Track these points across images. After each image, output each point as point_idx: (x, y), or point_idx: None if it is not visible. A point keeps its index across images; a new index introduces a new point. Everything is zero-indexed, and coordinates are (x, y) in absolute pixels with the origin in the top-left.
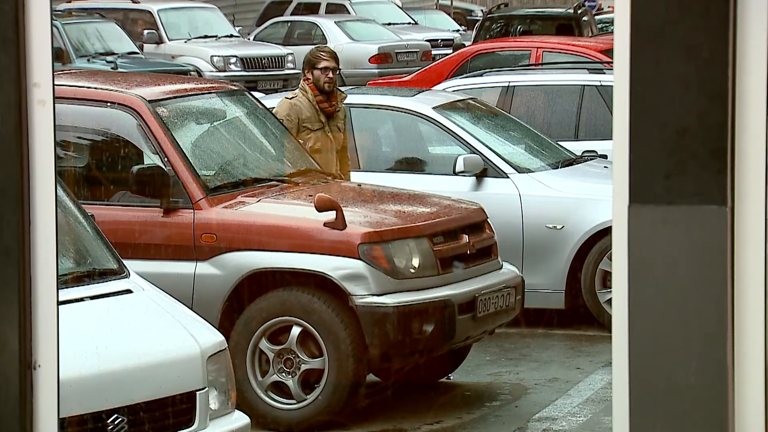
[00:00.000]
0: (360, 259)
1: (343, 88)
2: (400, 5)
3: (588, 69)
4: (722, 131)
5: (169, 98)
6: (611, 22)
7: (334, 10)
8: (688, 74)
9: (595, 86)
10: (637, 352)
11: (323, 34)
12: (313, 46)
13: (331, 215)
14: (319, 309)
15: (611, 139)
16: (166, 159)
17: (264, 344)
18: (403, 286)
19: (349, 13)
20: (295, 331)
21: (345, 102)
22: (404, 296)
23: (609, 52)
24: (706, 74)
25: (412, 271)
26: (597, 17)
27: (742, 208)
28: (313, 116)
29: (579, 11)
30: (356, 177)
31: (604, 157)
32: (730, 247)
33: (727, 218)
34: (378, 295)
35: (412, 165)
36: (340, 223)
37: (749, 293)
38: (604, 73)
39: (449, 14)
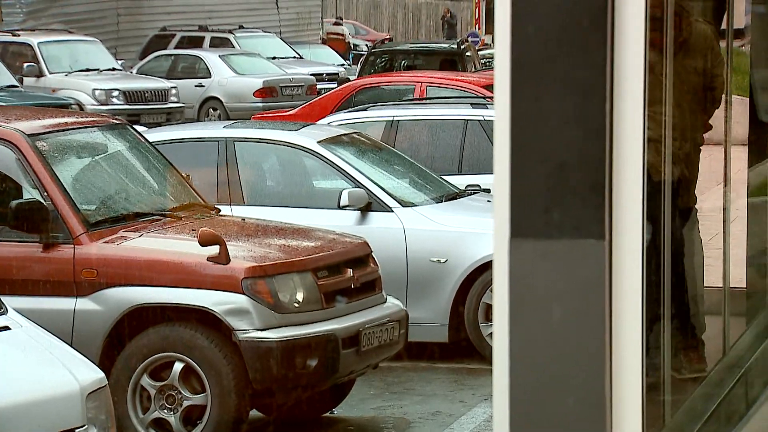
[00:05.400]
0: (244, 293)
1: (226, 122)
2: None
3: (471, 104)
4: (600, 166)
5: (49, 132)
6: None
7: (218, 43)
8: (567, 109)
9: (478, 121)
10: (517, 385)
11: (207, 68)
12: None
13: (214, 250)
14: (202, 344)
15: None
16: (45, 194)
17: (145, 380)
18: (287, 321)
19: (234, 47)
20: (178, 366)
21: (230, 136)
22: (288, 331)
23: (492, 87)
24: (585, 109)
25: (296, 305)
26: (480, 52)
27: (620, 242)
28: None
29: (462, 46)
30: (240, 211)
31: (488, 191)
32: (608, 280)
33: (605, 252)
34: (262, 330)
35: (296, 199)
36: (223, 258)
37: (627, 326)
38: (487, 108)
39: (333, 48)
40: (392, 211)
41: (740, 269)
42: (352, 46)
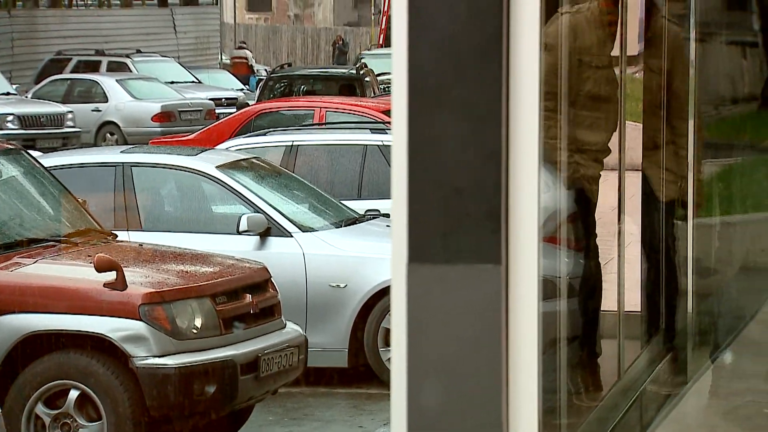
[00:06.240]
0: (141, 320)
1: (124, 147)
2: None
3: (370, 129)
4: (497, 191)
5: None
6: None
7: (115, 68)
8: (463, 135)
9: (378, 146)
10: (415, 410)
11: (104, 93)
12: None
13: (111, 275)
14: (98, 371)
15: None
16: None
17: (40, 408)
18: (185, 347)
19: (131, 71)
20: (73, 394)
21: (132, 160)
22: (186, 357)
23: (390, 112)
24: (481, 135)
25: (195, 331)
26: (379, 78)
27: (516, 266)
28: (600, 43)
29: (361, 72)
30: (138, 237)
31: (387, 216)
32: (505, 305)
33: (502, 277)
34: (159, 357)
35: (195, 224)
36: (120, 284)
37: (523, 350)
38: (386, 133)
39: (237, 71)
40: (291, 236)
41: (635, 293)
42: (255, 70)
